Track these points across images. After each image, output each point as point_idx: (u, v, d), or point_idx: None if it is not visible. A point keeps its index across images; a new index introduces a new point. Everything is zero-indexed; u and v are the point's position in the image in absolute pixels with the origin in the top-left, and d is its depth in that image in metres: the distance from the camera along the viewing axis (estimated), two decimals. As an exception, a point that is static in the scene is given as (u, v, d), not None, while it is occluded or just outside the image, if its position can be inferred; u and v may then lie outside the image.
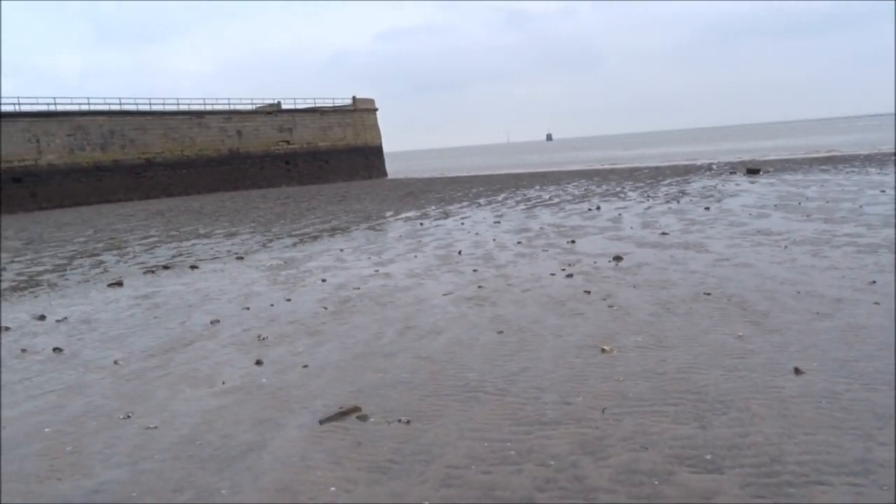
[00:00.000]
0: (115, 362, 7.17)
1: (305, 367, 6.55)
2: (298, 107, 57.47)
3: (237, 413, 5.45)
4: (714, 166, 38.08)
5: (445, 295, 9.34)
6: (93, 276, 13.52)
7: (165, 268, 13.70)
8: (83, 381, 6.57)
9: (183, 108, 50.71)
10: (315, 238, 17.32)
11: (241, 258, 14.40)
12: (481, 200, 25.54)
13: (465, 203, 24.84)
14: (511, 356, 6.44)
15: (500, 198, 26.10)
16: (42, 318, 9.73)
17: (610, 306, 8.03)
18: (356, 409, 5.29)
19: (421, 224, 18.67)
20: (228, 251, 15.82)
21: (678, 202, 19.36)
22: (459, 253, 12.93)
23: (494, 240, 14.44)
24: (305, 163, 56.62)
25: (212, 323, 8.67)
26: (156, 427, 5.26)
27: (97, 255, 16.91)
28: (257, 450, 4.70)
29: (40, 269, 15.11)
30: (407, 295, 9.55)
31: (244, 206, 31.60)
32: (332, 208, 26.89)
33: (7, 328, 9.19)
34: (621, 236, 13.65)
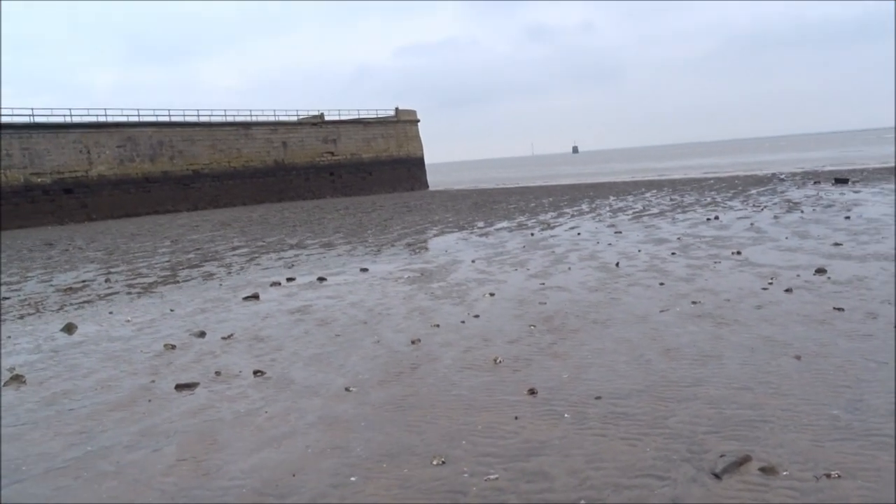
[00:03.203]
0: (347, 389, 6.15)
1: (598, 398, 5.48)
2: (342, 118, 56.87)
3: (579, 457, 4.38)
4: (783, 177, 36.79)
5: (663, 312, 8.25)
6: (212, 287, 12.59)
7: (289, 280, 12.74)
8: (334, 414, 5.53)
9: (230, 119, 50.26)
10: (424, 249, 16.32)
11: (366, 270, 13.40)
12: (567, 210, 24.47)
13: (552, 213, 23.78)
14: (850, 388, 5.32)
15: (584, 208, 25.00)
16: (202, 334, 8.76)
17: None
18: (748, 458, 4.21)
19: (531, 234, 17.61)
20: (343, 262, 14.85)
21: (801, 212, 18.16)
22: (617, 265, 11.84)
23: (639, 251, 13.33)
24: (349, 174, 55.93)
25: (412, 342, 7.65)
26: (496, 478, 4.22)
27: (199, 265, 16.00)
28: (684, 516, 3.63)
29: (149, 280, 14.21)
30: (615, 311, 8.47)
31: (308, 218, 30.73)
32: (408, 218, 25.91)
33: (173, 346, 8.23)
34: (789, 247, 12.49)
